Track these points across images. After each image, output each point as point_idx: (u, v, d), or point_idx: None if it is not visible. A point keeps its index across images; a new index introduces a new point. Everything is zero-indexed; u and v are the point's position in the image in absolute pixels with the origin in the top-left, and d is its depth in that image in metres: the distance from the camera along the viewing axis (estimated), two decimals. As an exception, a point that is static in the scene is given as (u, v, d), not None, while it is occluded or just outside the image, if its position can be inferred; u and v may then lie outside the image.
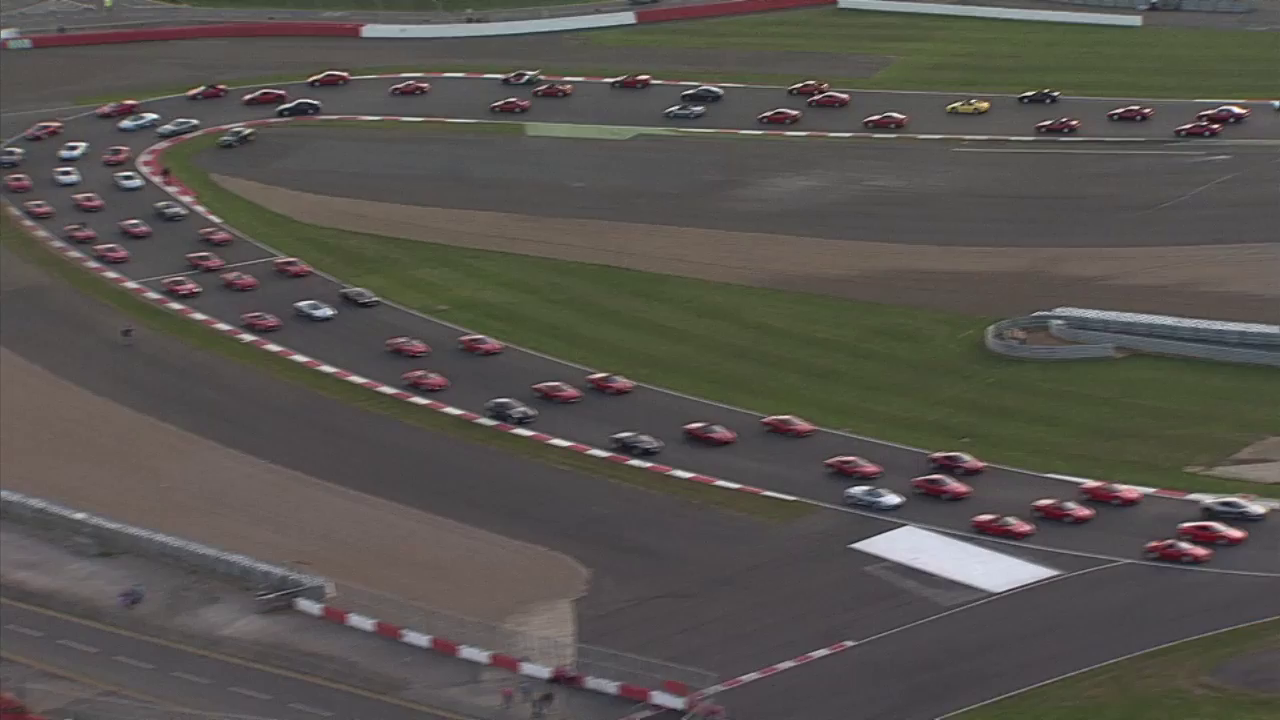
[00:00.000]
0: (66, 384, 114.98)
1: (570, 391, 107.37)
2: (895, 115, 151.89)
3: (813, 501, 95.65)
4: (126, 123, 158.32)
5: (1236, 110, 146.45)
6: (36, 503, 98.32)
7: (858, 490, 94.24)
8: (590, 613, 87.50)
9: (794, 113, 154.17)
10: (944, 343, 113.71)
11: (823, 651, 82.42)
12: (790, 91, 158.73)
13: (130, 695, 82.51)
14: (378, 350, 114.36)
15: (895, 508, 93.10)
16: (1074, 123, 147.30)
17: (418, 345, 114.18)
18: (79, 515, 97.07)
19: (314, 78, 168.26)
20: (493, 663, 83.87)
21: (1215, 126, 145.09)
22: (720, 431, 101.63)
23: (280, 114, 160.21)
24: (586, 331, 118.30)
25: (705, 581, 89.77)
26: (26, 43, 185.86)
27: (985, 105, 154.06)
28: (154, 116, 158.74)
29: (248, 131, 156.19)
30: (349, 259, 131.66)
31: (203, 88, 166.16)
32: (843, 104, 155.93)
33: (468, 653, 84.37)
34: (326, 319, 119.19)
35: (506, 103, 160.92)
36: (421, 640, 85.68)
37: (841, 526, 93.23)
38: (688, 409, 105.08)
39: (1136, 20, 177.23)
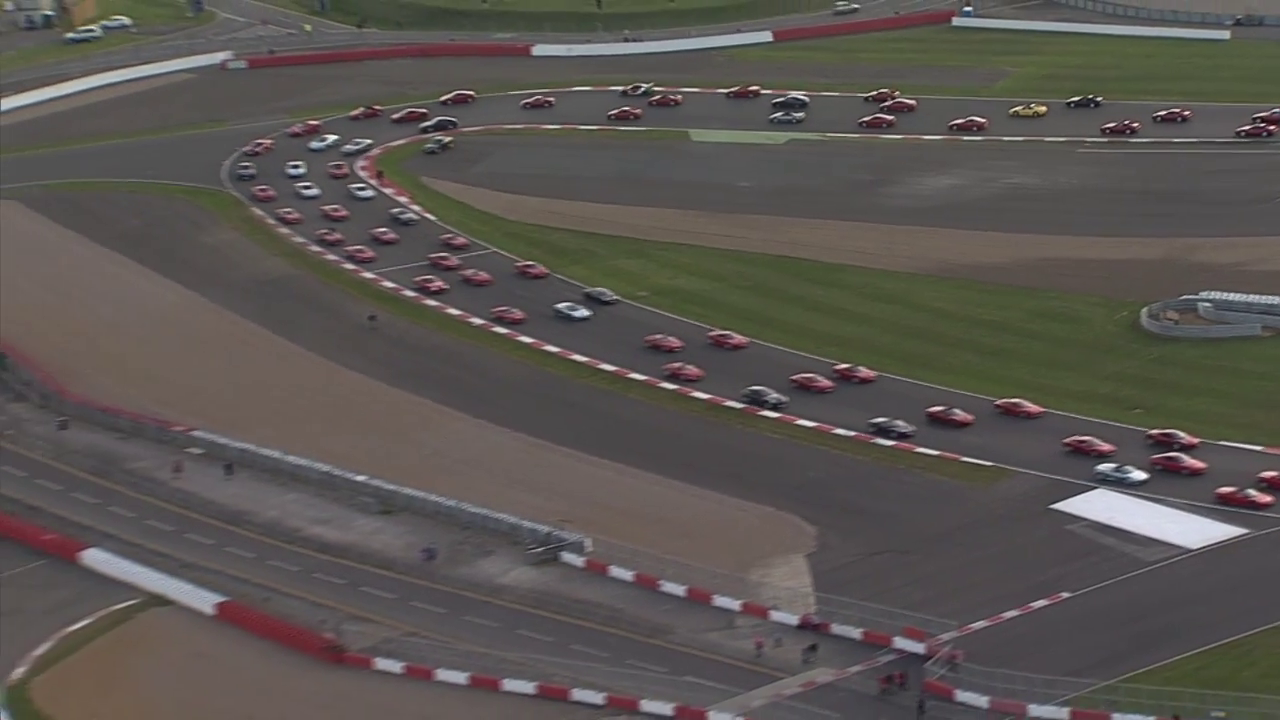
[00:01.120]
0: (325, 361, 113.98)
1: (824, 382, 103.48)
2: (977, 119, 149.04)
3: (1008, 466, 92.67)
4: (314, 143, 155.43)
5: None
6: (322, 466, 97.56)
7: (1106, 467, 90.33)
8: (822, 566, 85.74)
9: (890, 118, 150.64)
10: (1102, 323, 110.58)
11: (1042, 602, 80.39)
12: (866, 99, 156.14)
13: (430, 636, 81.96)
14: (634, 345, 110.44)
15: (1142, 483, 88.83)
16: (1135, 124, 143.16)
17: (673, 341, 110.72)
18: (360, 477, 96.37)
19: (445, 97, 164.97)
20: (744, 610, 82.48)
21: (1271, 128, 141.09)
22: (960, 414, 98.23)
23: (423, 130, 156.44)
24: (776, 314, 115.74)
25: (921, 539, 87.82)
26: (242, 64, 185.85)
27: (1043, 109, 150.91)
28: (335, 137, 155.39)
29: (448, 139, 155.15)
30: (553, 251, 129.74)
31: (362, 108, 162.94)
32: (910, 109, 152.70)
33: (721, 601, 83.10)
34: (585, 319, 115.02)
35: (622, 111, 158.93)
36: (678, 590, 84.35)
37: (1038, 489, 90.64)
38: (926, 395, 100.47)
39: (1225, 35, 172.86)
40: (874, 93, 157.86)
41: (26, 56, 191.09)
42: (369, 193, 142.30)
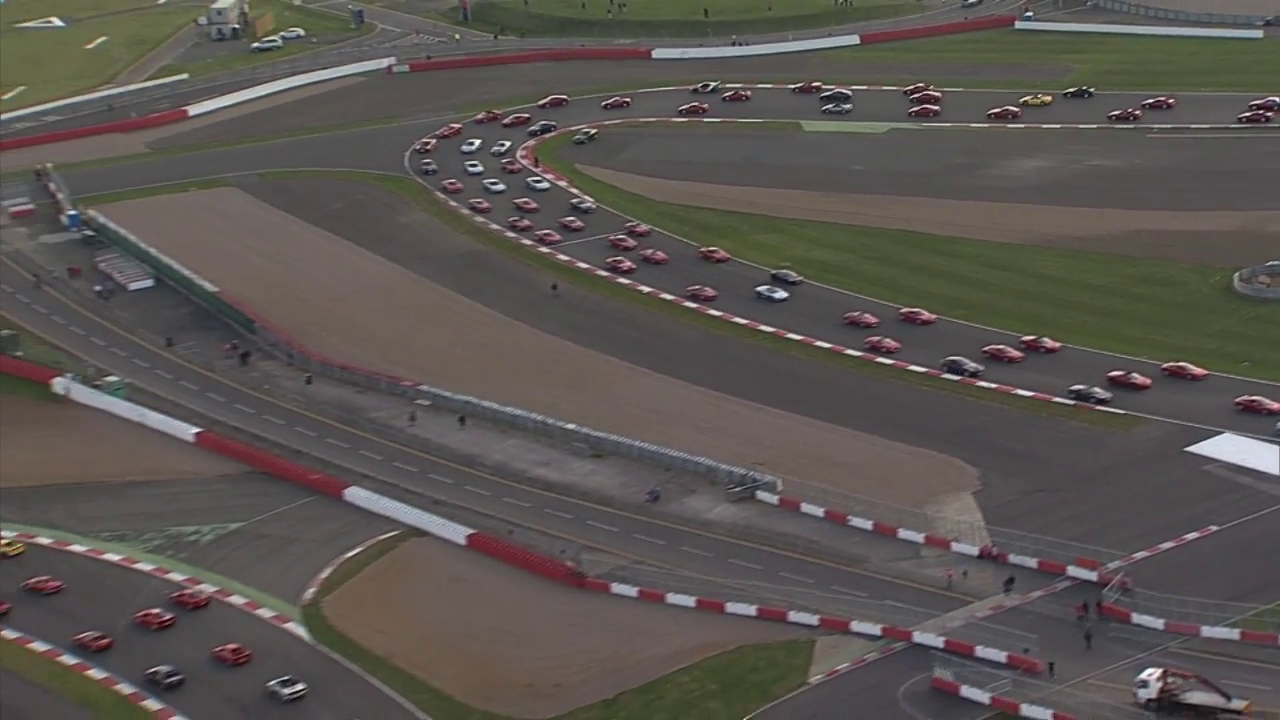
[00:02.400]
0: (518, 324, 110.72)
1: (1014, 353, 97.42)
2: (1011, 108, 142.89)
3: (1139, 414, 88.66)
4: (464, 146, 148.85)
5: (1278, 100, 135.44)
6: (536, 416, 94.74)
7: None
8: (988, 503, 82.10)
9: (935, 108, 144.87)
10: (1198, 287, 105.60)
11: (1193, 535, 76.64)
12: (904, 92, 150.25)
13: (654, 564, 79.35)
14: (833, 322, 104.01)
15: None
16: (1137, 112, 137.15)
17: (869, 317, 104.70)
18: (570, 426, 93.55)
19: (542, 101, 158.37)
20: (927, 542, 78.92)
21: (1270, 114, 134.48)
22: (1139, 377, 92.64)
23: (531, 134, 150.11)
24: (905, 282, 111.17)
25: (1073, 478, 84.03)
26: (405, 68, 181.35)
27: (1049, 99, 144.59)
28: (479, 141, 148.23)
29: (593, 131, 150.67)
30: (700, 228, 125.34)
31: (483, 113, 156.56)
32: (937, 100, 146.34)
33: (905, 534, 79.62)
34: (783, 300, 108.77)
35: (691, 106, 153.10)
36: (865, 524, 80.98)
37: (1171, 434, 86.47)
38: (1102, 361, 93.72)
39: (1258, 34, 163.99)
40: (909, 87, 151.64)
41: (222, 64, 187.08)
42: (545, 184, 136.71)
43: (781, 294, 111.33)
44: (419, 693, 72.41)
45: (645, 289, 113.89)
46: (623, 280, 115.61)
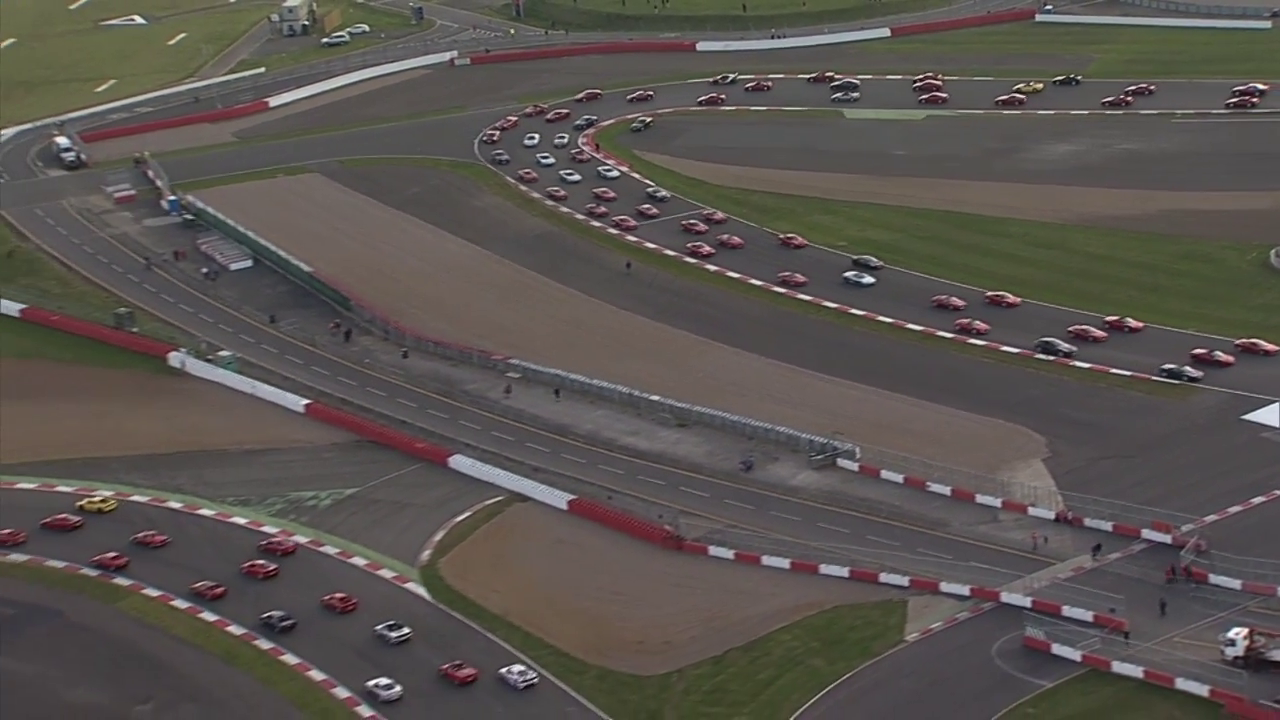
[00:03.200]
0: (595, 300, 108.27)
1: (1099, 333, 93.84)
2: (1018, 95, 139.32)
3: (1193, 384, 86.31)
4: (527, 140, 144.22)
5: (1260, 87, 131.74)
6: (623, 388, 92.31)
7: None
8: (1058, 469, 79.67)
9: (944, 95, 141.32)
10: (1236, 263, 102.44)
11: (1259, 499, 74.20)
12: (912, 82, 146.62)
13: (746, 528, 77.25)
14: (921, 305, 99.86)
15: None
16: (1129, 99, 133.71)
17: (957, 300, 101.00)
18: (655, 397, 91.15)
19: (578, 96, 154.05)
20: (1004, 507, 76.54)
21: (1254, 99, 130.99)
22: (1222, 355, 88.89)
23: (576, 128, 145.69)
24: (957, 260, 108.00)
25: (1137, 445, 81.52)
26: (466, 60, 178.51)
27: (1040, 86, 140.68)
28: (538, 136, 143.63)
29: (649, 119, 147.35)
30: (758, 210, 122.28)
31: (530, 106, 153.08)
32: (941, 88, 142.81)
33: (983, 499, 77.19)
34: (870, 285, 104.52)
35: (710, 97, 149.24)
36: (944, 489, 78.61)
37: (1226, 402, 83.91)
38: (1181, 340, 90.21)
39: (1266, 24, 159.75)
40: (919, 78, 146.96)
41: (295, 58, 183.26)
42: (615, 173, 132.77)
43: (869, 279, 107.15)
44: (536, 649, 70.67)
45: (712, 268, 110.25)
46: (689, 260, 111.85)
